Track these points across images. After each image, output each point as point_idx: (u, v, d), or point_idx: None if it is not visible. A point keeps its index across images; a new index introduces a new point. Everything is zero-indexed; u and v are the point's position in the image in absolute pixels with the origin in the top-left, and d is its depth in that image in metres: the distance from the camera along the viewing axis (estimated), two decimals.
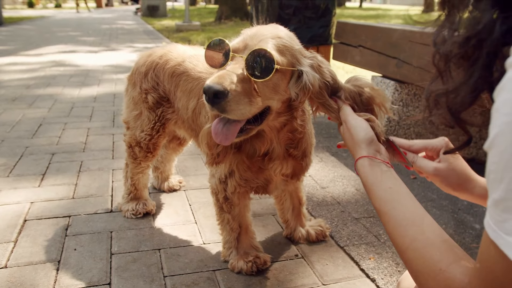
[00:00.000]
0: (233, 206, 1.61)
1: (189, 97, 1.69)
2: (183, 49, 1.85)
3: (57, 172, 2.57)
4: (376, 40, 3.16)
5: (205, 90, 1.09)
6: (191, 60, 1.73)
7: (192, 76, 1.68)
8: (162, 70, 1.79)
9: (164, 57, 1.81)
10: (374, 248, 1.87)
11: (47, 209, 2.13)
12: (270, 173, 1.51)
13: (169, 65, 1.78)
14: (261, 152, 1.44)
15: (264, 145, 1.43)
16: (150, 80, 1.83)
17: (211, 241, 1.88)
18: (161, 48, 1.90)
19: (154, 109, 1.85)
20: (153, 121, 1.86)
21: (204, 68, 1.67)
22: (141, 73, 1.85)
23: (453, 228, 2.05)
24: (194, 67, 1.70)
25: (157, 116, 1.85)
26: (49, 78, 5.60)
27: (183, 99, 1.72)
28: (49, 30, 13.33)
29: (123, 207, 2.10)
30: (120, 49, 8.72)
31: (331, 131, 3.45)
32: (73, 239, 1.88)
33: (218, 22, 15.31)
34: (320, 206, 2.23)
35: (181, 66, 1.74)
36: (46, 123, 3.57)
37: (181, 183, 2.41)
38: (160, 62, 1.81)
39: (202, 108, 1.63)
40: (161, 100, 1.84)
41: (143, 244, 1.86)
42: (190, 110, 1.69)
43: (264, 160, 1.46)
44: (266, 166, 1.47)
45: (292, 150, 1.45)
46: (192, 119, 1.71)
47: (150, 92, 1.83)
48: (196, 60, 1.72)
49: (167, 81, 1.78)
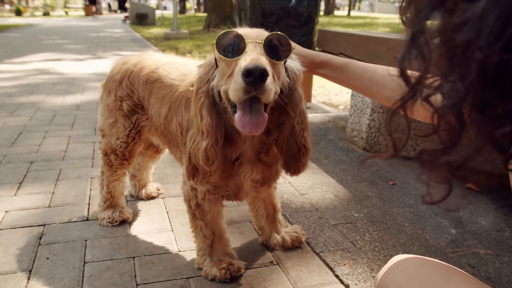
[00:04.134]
0: (205, 213, 1.60)
1: (162, 103, 1.69)
2: (157, 57, 1.85)
3: (35, 181, 2.54)
4: (356, 47, 3.19)
5: (251, 69, 1.05)
6: (164, 68, 1.73)
7: (165, 83, 1.68)
8: (136, 77, 1.80)
9: (139, 64, 1.82)
10: (350, 254, 1.87)
11: (21, 218, 2.10)
12: (241, 178, 1.50)
13: (144, 72, 1.78)
14: (232, 157, 1.44)
15: (236, 151, 1.43)
16: (125, 88, 1.83)
17: (187, 249, 1.87)
18: (136, 56, 1.90)
19: (129, 116, 1.85)
20: (128, 128, 1.86)
21: (176, 76, 1.67)
22: (116, 81, 1.85)
23: (429, 233, 2.07)
24: (167, 74, 1.70)
25: (132, 123, 1.85)
26: (32, 86, 5.56)
27: (156, 106, 1.72)
28: (35, 38, 13.24)
29: (99, 215, 2.08)
30: (107, 57, 8.69)
31: (312, 138, 3.47)
32: (47, 248, 1.86)
33: (206, 30, 15.36)
34: (298, 212, 2.23)
35: (155, 73, 1.74)
36: (27, 131, 3.54)
37: (159, 190, 2.39)
38: (134, 69, 1.81)
39: (173, 115, 1.63)
40: (135, 107, 1.84)
41: (118, 252, 1.84)
42: (162, 117, 1.69)
43: (234, 165, 1.46)
44: (236, 172, 1.47)
45: (263, 155, 1.46)
46: (164, 126, 1.71)
47: (125, 99, 1.83)
48: (170, 67, 1.72)
49: (142, 88, 1.78)
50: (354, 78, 1.35)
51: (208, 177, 1.40)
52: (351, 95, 3.29)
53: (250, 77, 1.06)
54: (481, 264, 1.84)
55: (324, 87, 5.98)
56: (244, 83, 1.07)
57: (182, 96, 1.59)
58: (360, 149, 3.21)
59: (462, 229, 2.11)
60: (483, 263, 1.85)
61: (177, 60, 1.82)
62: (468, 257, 1.89)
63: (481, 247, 1.96)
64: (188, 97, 1.56)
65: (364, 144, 3.16)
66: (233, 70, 1.16)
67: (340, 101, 5.17)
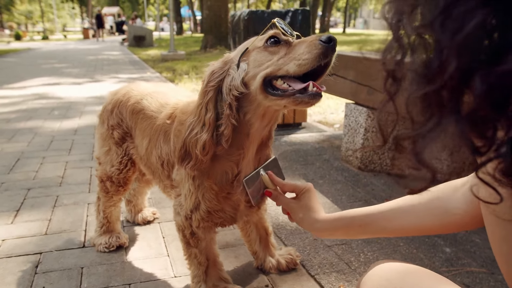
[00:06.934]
0: (199, 241, 1.62)
1: (143, 135, 1.75)
2: (144, 87, 1.91)
3: (32, 208, 2.56)
4: (348, 68, 3.25)
5: (331, 37, 1.17)
6: (147, 98, 1.79)
7: (147, 115, 1.74)
8: (125, 107, 1.86)
9: (127, 94, 1.88)
10: (345, 275, 1.88)
11: (18, 246, 2.12)
12: (238, 198, 1.52)
13: (130, 102, 1.84)
14: (234, 173, 1.46)
15: (238, 165, 1.45)
16: (115, 117, 1.88)
17: (182, 274, 1.88)
18: (127, 86, 1.96)
19: (120, 144, 1.90)
20: (120, 155, 1.90)
21: (155, 107, 1.72)
22: (108, 111, 1.91)
23: (424, 252, 2.08)
24: (148, 105, 1.75)
25: (124, 150, 1.90)
26: (30, 111, 5.61)
27: (139, 137, 1.79)
28: (34, 62, 13.39)
29: (95, 241, 2.09)
30: (104, 80, 8.78)
31: (308, 158, 3.50)
32: (43, 277, 1.87)
33: (203, 51, 15.55)
34: (293, 234, 2.24)
35: (139, 104, 1.80)
36: (24, 157, 3.57)
37: (154, 215, 2.41)
38: (123, 99, 1.87)
39: (153, 148, 1.68)
40: (125, 135, 1.89)
41: (114, 279, 1.85)
42: (144, 148, 1.75)
43: (233, 183, 1.48)
44: (236, 190, 1.49)
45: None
46: (146, 157, 1.76)
47: (116, 128, 1.89)
48: (151, 98, 1.78)
49: (129, 118, 1.84)
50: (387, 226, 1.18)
51: (200, 165, 1.39)
52: (345, 114, 3.33)
53: (331, 42, 1.17)
54: (475, 283, 1.85)
55: (319, 106, 6.04)
56: (324, 48, 1.17)
57: (160, 129, 1.64)
58: (355, 168, 3.23)
59: (456, 247, 2.13)
60: (478, 281, 1.86)
61: (161, 89, 1.87)
62: (462, 276, 1.90)
63: (475, 266, 1.97)
64: (166, 130, 1.61)
65: (358, 163, 3.19)
66: (287, 52, 1.23)
67: (336, 119, 5.22)
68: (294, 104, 1.24)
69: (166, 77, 8.71)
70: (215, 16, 15.70)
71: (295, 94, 1.22)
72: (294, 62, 1.20)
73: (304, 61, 1.18)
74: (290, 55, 1.22)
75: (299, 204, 1.38)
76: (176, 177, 1.58)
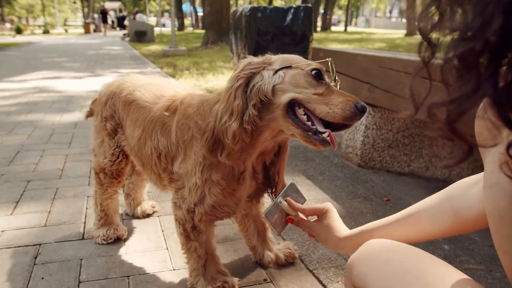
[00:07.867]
0: (200, 234, 1.62)
1: (135, 126, 1.74)
2: (137, 78, 1.92)
3: (31, 200, 2.56)
4: (349, 66, 3.25)
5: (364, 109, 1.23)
6: (140, 90, 1.79)
7: (140, 105, 1.74)
8: (118, 98, 1.86)
9: (120, 86, 1.89)
10: (343, 271, 1.88)
11: (17, 237, 2.12)
12: (242, 194, 1.53)
13: (123, 94, 1.85)
14: (240, 170, 1.47)
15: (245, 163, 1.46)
16: (108, 109, 1.90)
17: (181, 267, 1.88)
18: (120, 78, 1.97)
19: (112, 135, 1.91)
20: (113, 147, 1.92)
21: (149, 98, 1.72)
22: (102, 102, 1.93)
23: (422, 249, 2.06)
24: (141, 96, 1.76)
25: (116, 142, 1.91)
26: (31, 104, 5.61)
27: (130, 127, 1.79)
28: (35, 56, 13.38)
29: (93, 233, 2.10)
30: (105, 75, 8.78)
31: (308, 155, 3.50)
32: (42, 268, 1.87)
33: (204, 47, 15.52)
34: (292, 230, 2.24)
35: (132, 95, 1.80)
36: (24, 150, 3.57)
37: (154, 208, 2.41)
38: (117, 91, 1.89)
39: (147, 139, 1.67)
40: (117, 127, 1.90)
41: (112, 271, 1.85)
42: (135, 139, 1.75)
43: (239, 180, 1.49)
44: (240, 187, 1.50)
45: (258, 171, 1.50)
46: (137, 148, 1.75)
47: (109, 119, 1.90)
48: (144, 89, 1.78)
49: (121, 109, 1.85)
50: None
51: (233, 154, 1.38)
52: None
53: (363, 112, 1.23)
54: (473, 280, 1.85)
55: None
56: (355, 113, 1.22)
57: (156, 120, 1.64)
58: (355, 165, 3.24)
59: (455, 244, 2.13)
60: (476, 279, 1.86)
61: (154, 81, 1.87)
62: None
63: (473, 263, 1.97)
64: (164, 122, 1.61)
65: (358, 160, 3.19)
66: (323, 93, 1.27)
67: None
68: (302, 138, 1.28)
69: (167, 73, 8.70)
70: (216, 12, 15.67)
71: (310, 131, 1.26)
72: (325, 108, 1.24)
73: (333, 113, 1.23)
74: (324, 98, 1.26)
75: (321, 225, 1.39)
76: (179, 170, 1.57)
